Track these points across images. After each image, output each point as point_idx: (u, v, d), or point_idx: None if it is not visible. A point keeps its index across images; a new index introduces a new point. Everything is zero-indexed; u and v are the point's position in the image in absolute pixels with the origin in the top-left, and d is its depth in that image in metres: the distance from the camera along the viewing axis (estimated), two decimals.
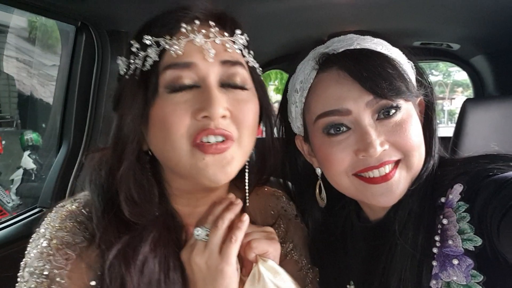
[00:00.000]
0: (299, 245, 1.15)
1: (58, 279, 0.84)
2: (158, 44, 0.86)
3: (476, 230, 0.83)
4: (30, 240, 0.92)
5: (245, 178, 1.02)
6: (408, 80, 0.94)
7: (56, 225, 0.89)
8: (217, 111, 0.82)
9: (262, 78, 1.02)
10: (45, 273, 0.84)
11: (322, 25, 2.20)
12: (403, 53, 1.02)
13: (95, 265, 0.87)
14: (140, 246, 0.87)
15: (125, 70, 0.92)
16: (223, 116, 0.85)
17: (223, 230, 0.88)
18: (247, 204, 1.03)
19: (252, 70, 0.96)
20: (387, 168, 0.93)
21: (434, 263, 0.89)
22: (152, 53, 0.86)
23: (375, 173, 0.93)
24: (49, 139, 2.54)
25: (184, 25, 0.87)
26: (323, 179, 1.08)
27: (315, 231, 1.16)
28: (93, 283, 0.86)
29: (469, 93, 3.52)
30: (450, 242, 0.87)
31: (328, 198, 1.11)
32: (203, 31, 0.88)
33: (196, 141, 0.84)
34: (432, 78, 1.08)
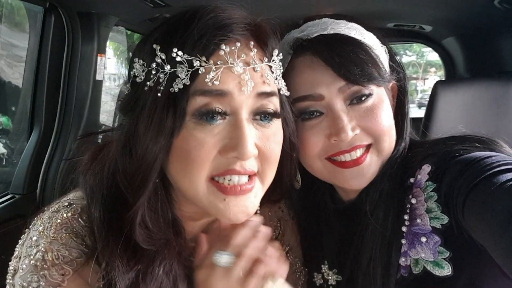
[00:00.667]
0: (294, 247, 1.15)
1: None
2: (190, 64, 0.75)
3: (443, 208, 0.87)
4: (20, 242, 0.86)
5: None
6: (380, 65, 0.96)
7: (51, 235, 0.81)
8: (248, 152, 0.76)
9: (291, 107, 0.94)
10: None
11: (296, 7, 2.19)
12: (377, 37, 1.03)
13: (92, 281, 0.81)
14: (154, 272, 0.81)
15: (143, 77, 0.80)
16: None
17: (249, 261, 0.82)
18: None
19: (282, 97, 0.89)
20: (358, 152, 0.95)
21: (403, 241, 0.92)
22: (183, 73, 0.75)
23: (347, 157, 0.95)
24: (20, 123, 2.48)
25: (224, 47, 0.77)
26: (298, 162, 1.09)
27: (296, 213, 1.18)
28: None
29: (442, 73, 3.59)
30: (418, 220, 0.90)
31: (303, 181, 1.13)
32: (243, 56, 0.79)
33: (216, 178, 0.80)
34: (406, 59, 1.09)
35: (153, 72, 0.78)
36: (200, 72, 0.75)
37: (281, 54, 0.89)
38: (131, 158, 0.81)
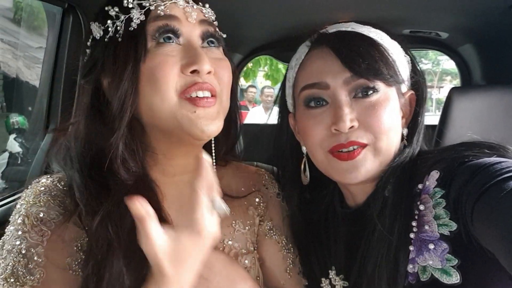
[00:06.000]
0: (279, 224, 1.17)
1: (35, 257, 0.84)
2: (142, 6, 0.91)
3: (451, 215, 0.86)
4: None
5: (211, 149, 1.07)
6: (391, 65, 0.97)
7: (31, 200, 0.90)
8: (205, 65, 0.89)
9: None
10: (23, 252, 0.84)
11: (311, 12, 2.19)
12: (401, 47, 1.04)
13: (70, 241, 0.87)
14: (121, 206, 0.84)
15: (101, 33, 0.93)
16: (209, 72, 0.91)
17: None
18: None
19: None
20: (353, 149, 0.96)
21: (411, 248, 0.91)
22: (137, 14, 0.90)
23: (343, 150, 0.96)
24: (36, 122, 2.51)
25: None
26: (308, 159, 1.10)
27: (293, 214, 1.18)
28: (68, 260, 0.86)
29: (458, 82, 3.55)
30: (426, 227, 0.89)
31: (310, 182, 1.14)
32: None
33: (185, 94, 0.89)
34: (421, 66, 1.11)
35: (110, 25, 0.91)
36: (151, 9, 0.90)
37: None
38: (100, 114, 0.91)
